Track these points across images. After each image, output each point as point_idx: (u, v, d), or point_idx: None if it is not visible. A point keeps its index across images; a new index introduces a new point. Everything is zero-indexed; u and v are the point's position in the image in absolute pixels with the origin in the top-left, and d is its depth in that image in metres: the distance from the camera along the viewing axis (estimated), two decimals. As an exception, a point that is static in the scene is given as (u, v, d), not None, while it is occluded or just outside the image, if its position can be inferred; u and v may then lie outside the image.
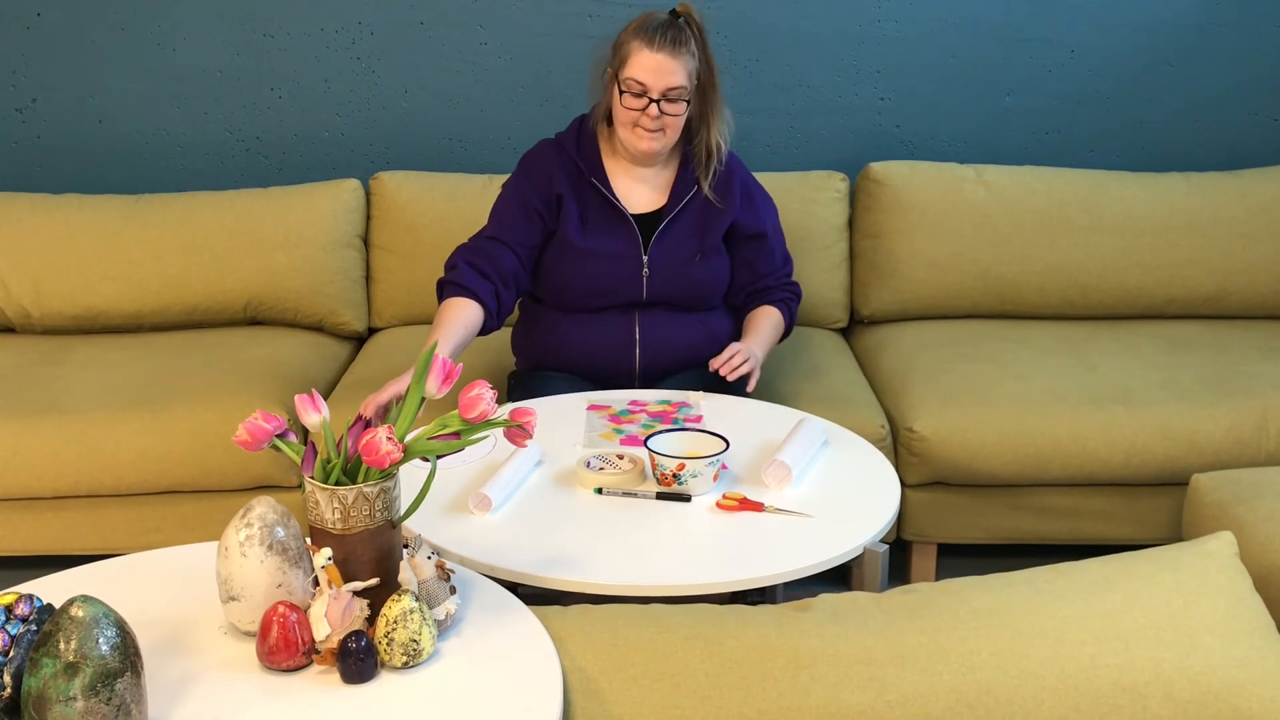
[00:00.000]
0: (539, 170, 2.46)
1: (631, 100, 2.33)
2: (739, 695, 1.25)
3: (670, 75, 2.31)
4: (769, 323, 2.51)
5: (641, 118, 2.34)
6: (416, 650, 1.32)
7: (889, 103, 3.32)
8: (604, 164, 2.46)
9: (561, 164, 2.46)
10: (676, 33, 2.32)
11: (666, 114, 2.34)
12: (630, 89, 2.32)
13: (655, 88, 2.31)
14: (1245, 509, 2.03)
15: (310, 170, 3.35)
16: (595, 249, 2.43)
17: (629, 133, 2.38)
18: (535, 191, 2.43)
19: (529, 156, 2.50)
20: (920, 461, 2.63)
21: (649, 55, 2.30)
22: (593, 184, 2.44)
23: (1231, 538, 1.43)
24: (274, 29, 3.24)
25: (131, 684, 1.16)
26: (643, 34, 2.32)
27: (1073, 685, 1.26)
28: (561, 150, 2.47)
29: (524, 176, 2.47)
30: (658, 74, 2.30)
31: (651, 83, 2.31)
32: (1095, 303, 3.11)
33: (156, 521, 2.70)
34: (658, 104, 2.32)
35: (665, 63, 2.30)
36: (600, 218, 2.44)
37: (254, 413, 1.40)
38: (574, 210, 2.43)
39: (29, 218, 3.08)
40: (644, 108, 2.33)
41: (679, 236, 2.46)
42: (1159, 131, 3.36)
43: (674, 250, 2.44)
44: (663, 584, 1.69)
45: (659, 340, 2.46)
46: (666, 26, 2.33)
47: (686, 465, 1.92)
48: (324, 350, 3.05)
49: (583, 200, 2.45)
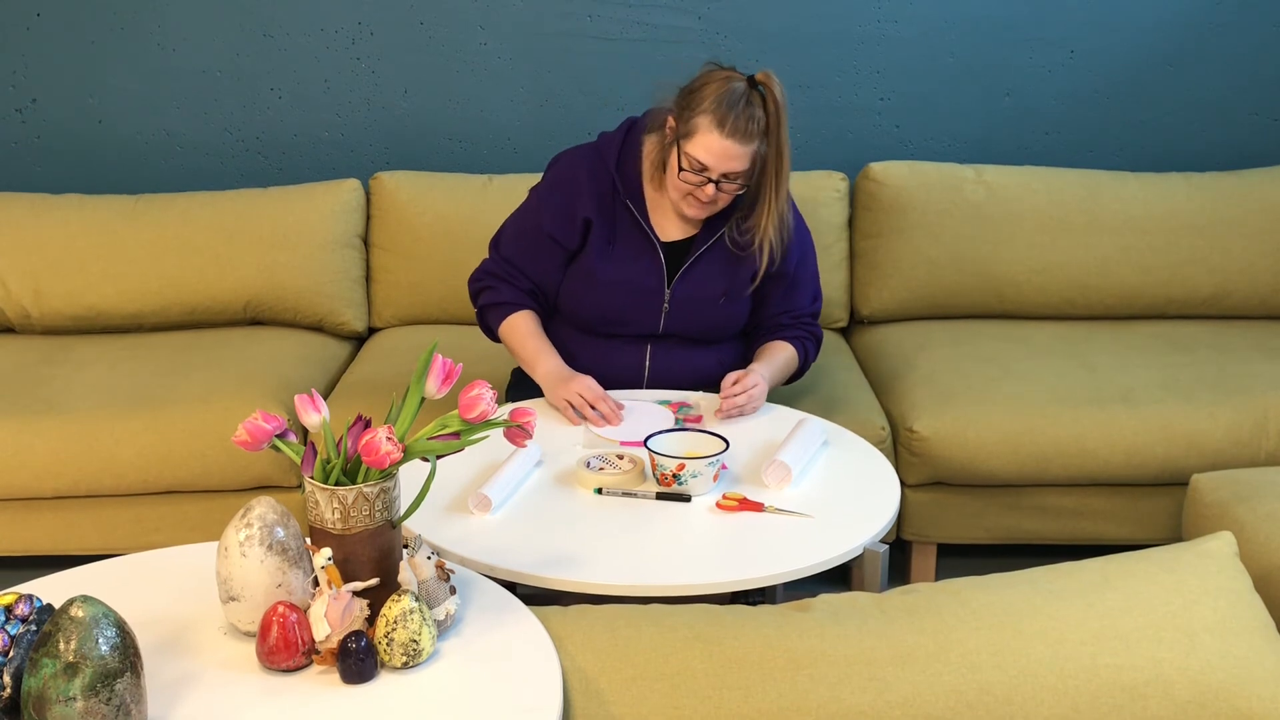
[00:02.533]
0: (564, 194, 2.34)
1: (690, 176, 2.22)
2: (739, 695, 1.25)
3: (734, 161, 2.18)
4: (782, 355, 2.38)
5: (696, 190, 2.23)
6: (416, 650, 1.32)
7: (889, 103, 3.32)
8: (643, 186, 2.35)
9: (595, 180, 2.33)
10: (750, 116, 2.17)
11: (722, 193, 2.23)
12: (691, 166, 2.21)
13: (716, 170, 2.19)
14: (1245, 509, 2.03)
15: (310, 170, 3.35)
16: (617, 279, 2.33)
17: (679, 199, 2.27)
18: (559, 219, 2.33)
19: (560, 173, 2.38)
20: (920, 461, 2.63)
21: (716, 139, 2.16)
22: (626, 204, 2.34)
23: (1231, 538, 1.43)
24: (274, 29, 3.24)
25: (131, 684, 1.16)
26: (715, 112, 2.16)
27: (1072, 685, 1.26)
28: (599, 162, 2.35)
29: (549, 198, 2.36)
30: (722, 159, 2.18)
31: (714, 165, 2.19)
32: (1095, 303, 3.11)
33: (156, 521, 2.70)
34: (716, 184, 2.22)
35: (732, 149, 2.17)
36: (628, 241, 2.34)
37: (254, 413, 1.40)
38: (602, 234, 2.33)
39: (29, 218, 3.08)
40: (700, 184, 2.22)
41: (708, 272, 2.34)
42: (1159, 131, 3.36)
43: (699, 288, 2.34)
44: (662, 584, 1.69)
45: (668, 370, 2.39)
46: (741, 105, 2.16)
47: (687, 465, 1.92)
48: (324, 350, 3.05)
49: (611, 220, 2.34)
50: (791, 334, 2.42)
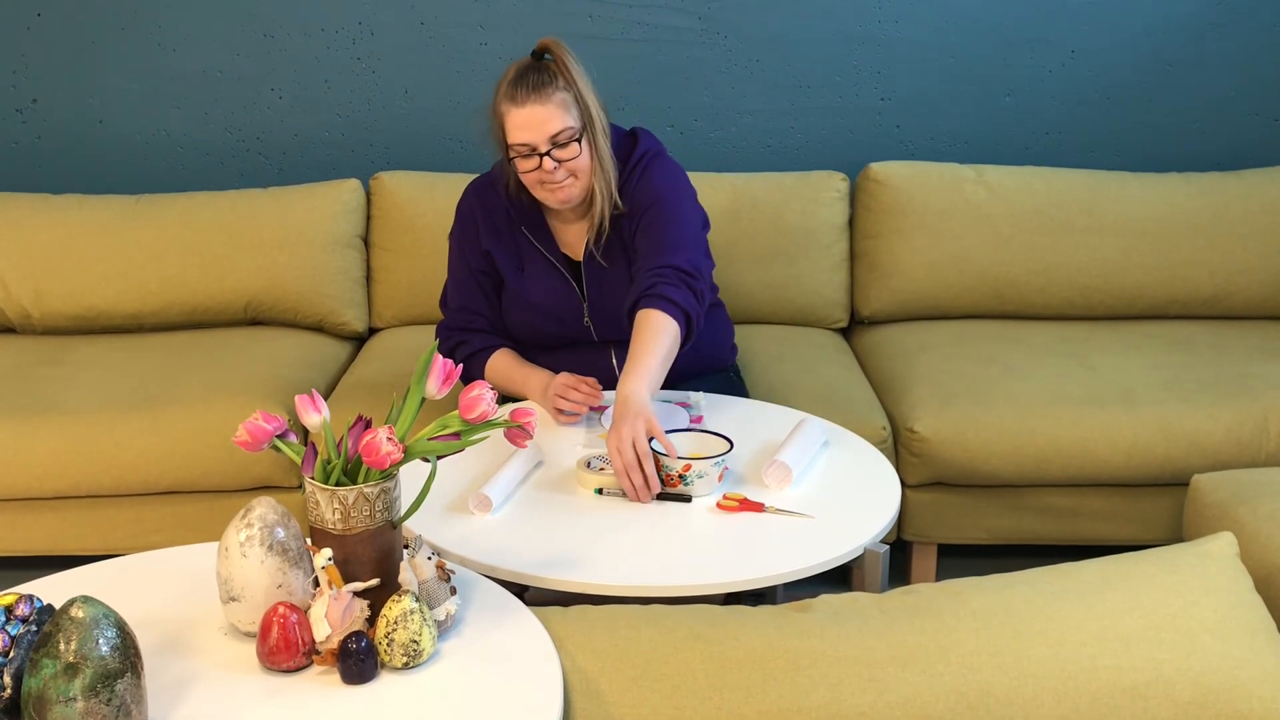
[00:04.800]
0: (467, 228, 2.36)
1: (524, 163, 2.17)
2: (739, 696, 1.25)
3: (547, 123, 2.13)
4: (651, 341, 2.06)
5: (541, 174, 2.18)
6: (417, 651, 1.32)
7: (889, 103, 3.32)
8: (541, 207, 2.31)
9: (488, 213, 2.33)
10: (539, 75, 2.14)
11: (563, 160, 2.16)
12: (519, 153, 2.16)
13: (539, 141, 2.14)
14: (1246, 510, 2.03)
15: (310, 170, 3.35)
16: (534, 301, 2.33)
17: (541, 192, 2.22)
18: (470, 254, 2.35)
19: (460, 210, 2.38)
20: (921, 462, 2.63)
21: (517, 113, 2.13)
22: (523, 230, 2.32)
23: (1232, 538, 1.43)
24: (274, 29, 3.24)
25: (131, 685, 1.16)
26: (506, 93, 2.15)
27: (1073, 686, 1.26)
28: (492, 193, 2.34)
29: (459, 237, 2.37)
30: (533, 127, 2.13)
31: (532, 139, 2.14)
32: (1096, 303, 3.11)
33: (157, 522, 2.70)
34: (548, 155, 2.15)
35: (535, 112, 2.12)
36: (533, 264, 2.33)
37: (254, 413, 1.40)
38: (509, 262, 2.33)
39: (29, 218, 3.08)
40: (537, 166, 2.16)
41: (611, 273, 2.30)
42: (1159, 132, 3.36)
43: (609, 291, 2.29)
44: (663, 584, 1.69)
45: None
46: (527, 72, 2.15)
47: (693, 466, 1.91)
48: (324, 350, 3.05)
49: (514, 247, 2.33)
50: (653, 292, 2.14)
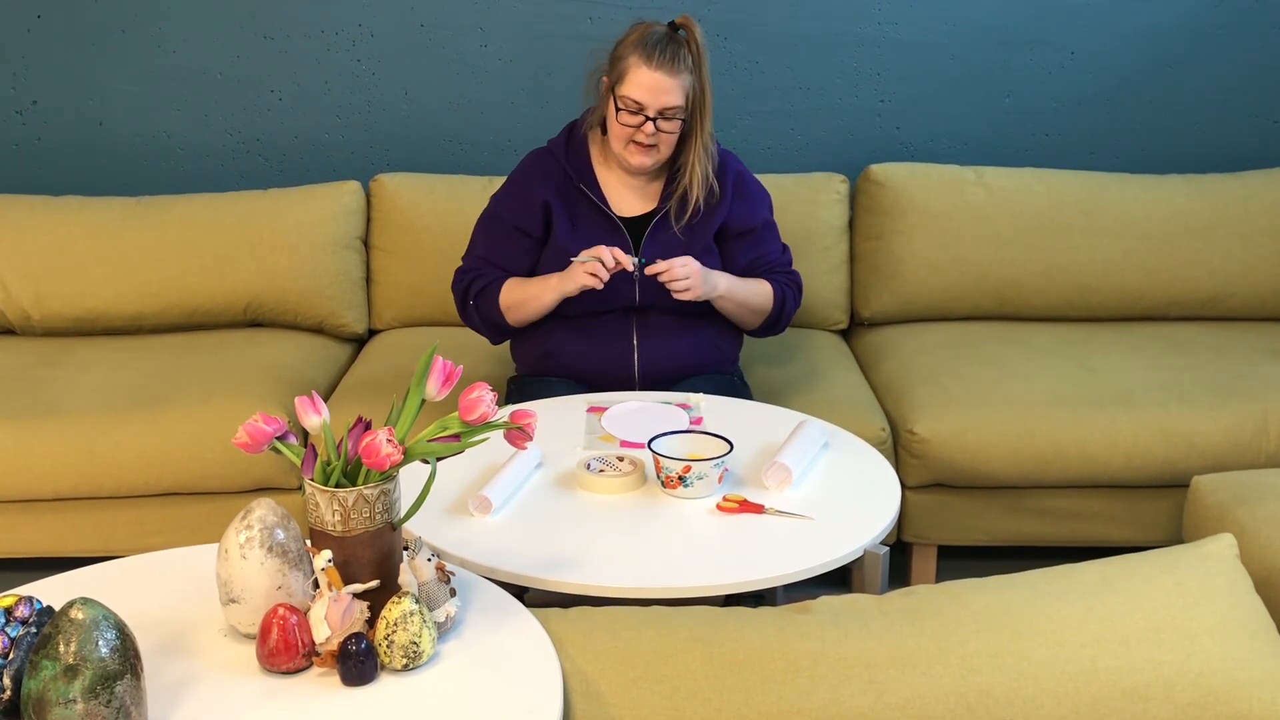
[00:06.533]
0: (523, 187, 2.47)
1: (627, 117, 2.33)
2: (739, 697, 1.25)
3: (666, 95, 2.30)
4: (753, 283, 2.47)
5: (636, 134, 2.34)
6: (416, 652, 1.32)
7: (889, 104, 3.32)
8: (595, 170, 2.46)
9: (549, 173, 2.46)
10: (675, 49, 2.30)
11: (662, 131, 2.34)
12: (626, 106, 2.32)
13: (652, 106, 2.31)
14: (1245, 511, 2.03)
15: (310, 172, 3.35)
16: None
17: (623, 148, 2.38)
18: (521, 210, 2.46)
19: (516, 172, 2.52)
20: (921, 463, 2.63)
21: (646, 73, 2.29)
22: (581, 189, 2.44)
23: (1232, 540, 1.43)
24: (274, 31, 3.24)
25: (131, 686, 1.16)
26: (641, 49, 2.30)
27: (1073, 687, 1.26)
28: (550, 157, 2.48)
29: (508, 196, 2.49)
30: (654, 93, 2.29)
31: (648, 101, 2.30)
32: (1095, 304, 3.11)
33: (156, 523, 2.69)
34: (654, 121, 2.32)
35: (662, 81, 2.29)
36: (590, 224, 2.45)
37: (254, 415, 1.40)
38: (564, 216, 2.44)
39: (29, 220, 3.08)
40: (639, 125, 2.33)
41: (669, 239, 2.44)
42: (1159, 133, 3.36)
43: (664, 253, 2.40)
44: (663, 586, 1.69)
45: (657, 346, 2.44)
46: (666, 42, 2.31)
47: (693, 468, 1.91)
48: (324, 352, 3.05)
49: (572, 207, 2.45)
50: (773, 278, 2.51)
